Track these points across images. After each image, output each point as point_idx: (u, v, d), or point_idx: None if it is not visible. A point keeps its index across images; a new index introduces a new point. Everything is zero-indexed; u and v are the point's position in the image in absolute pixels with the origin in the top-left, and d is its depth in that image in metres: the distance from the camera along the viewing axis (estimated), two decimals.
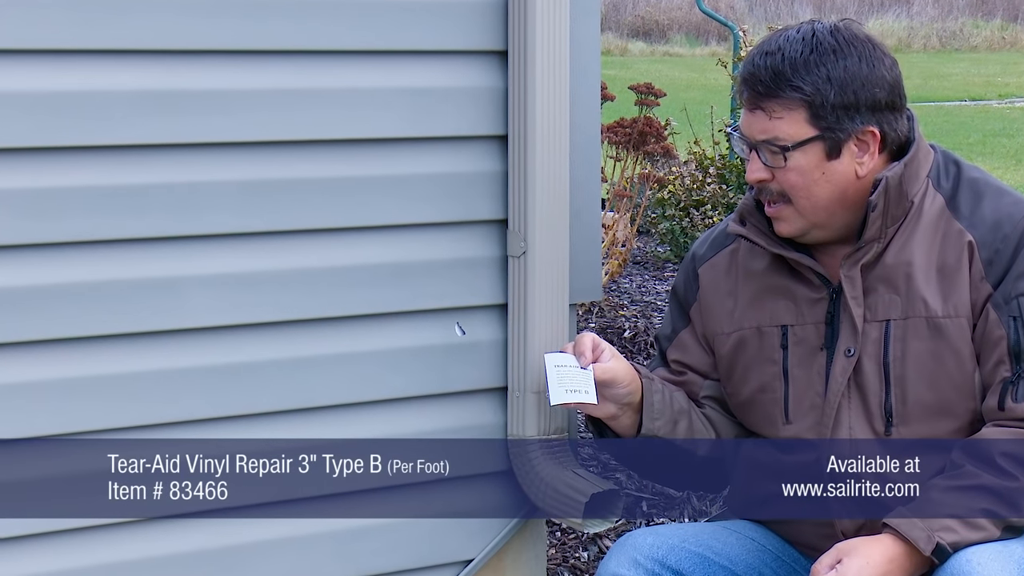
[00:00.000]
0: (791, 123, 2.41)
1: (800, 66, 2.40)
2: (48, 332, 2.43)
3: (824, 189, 2.43)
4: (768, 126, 2.42)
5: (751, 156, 2.45)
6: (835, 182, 2.43)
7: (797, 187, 2.42)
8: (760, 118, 2.42)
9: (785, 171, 2.42)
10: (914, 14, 26.65)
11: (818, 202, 2.43)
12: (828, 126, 2.41)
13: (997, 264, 2.42)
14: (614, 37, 24.52)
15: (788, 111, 2.40)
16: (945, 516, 2.32)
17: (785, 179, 2.43)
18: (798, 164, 2.41)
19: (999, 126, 14.57)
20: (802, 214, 2.44)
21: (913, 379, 2.43)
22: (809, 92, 2.40)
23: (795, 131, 2.41)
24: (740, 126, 2.47)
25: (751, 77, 2.43)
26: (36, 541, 2.47)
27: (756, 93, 2.42)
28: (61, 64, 2.39)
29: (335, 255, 2.63)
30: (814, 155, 2.42)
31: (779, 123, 2.41)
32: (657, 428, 2.53)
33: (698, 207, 6.38)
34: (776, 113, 2.41)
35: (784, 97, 2.40)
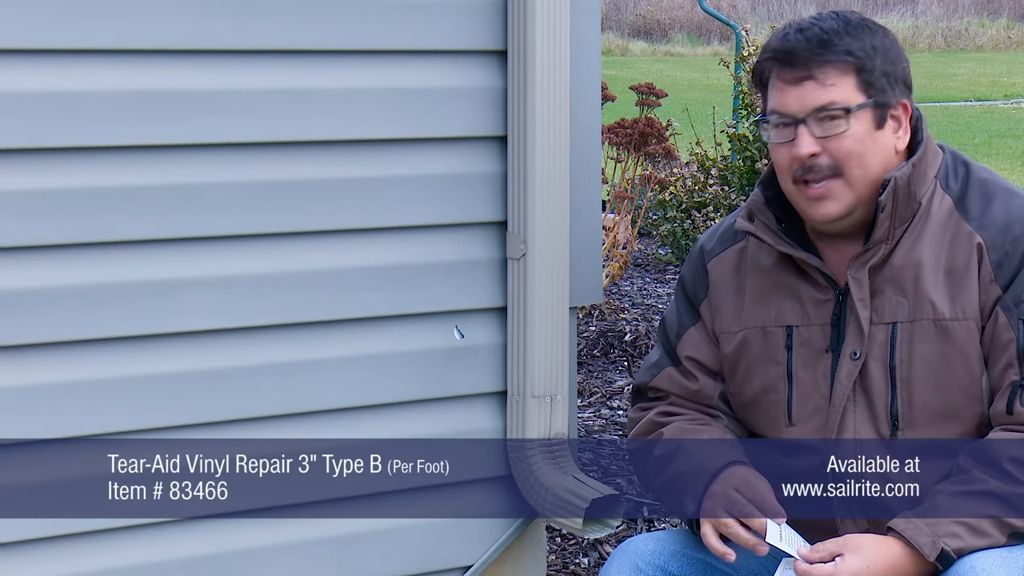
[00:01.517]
0: (844, 89, 2.40)
1: (844, 33, 2.42)
2: (45, 335, 2.42)
3: (875, 159, 2.43)
4: (821, 94, 2.40)
5: (799, 131, 2.42)
6: (882, 153, 2.43)
7: (853, 155, 2.41)
8: (810, 89, 2.40)
9: (841, 139, 2.40)
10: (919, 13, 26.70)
11: (868, 172, 2.42)
12: (877, 92, 2.42)
13: (1007, 266, 2.41)
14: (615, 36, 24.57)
15: (841, 77, 2.40)
16: (951, 522, 2.31)
17: (840, 147, 2.41)
18: (855, 131, 2.41)
19: (1005, 126, 14.59)
20: (852, 187, 2.42)
21: (919, 382, 2.42)
22: (860, 55, 2.41)
23: (849, 97, 2.41)
24: (776, 107, 2.44)
25: (791, 52, 2.41)
26: (33, 547, 2.47)
27: (803, 63, 2.40)
28: (58, 64, 2.39)
29: (333, 257, 2.62)
30: (865, 122, 2.42)
31: (833, 90, 2.40)
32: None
33: (700, 209, 6.38)
34: (829, 80, 2.40)
35: (836, 61, 2.40)
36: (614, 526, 2.72)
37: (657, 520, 3.79)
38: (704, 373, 2.61)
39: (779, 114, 2.43)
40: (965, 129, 14.14)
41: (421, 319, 2.70)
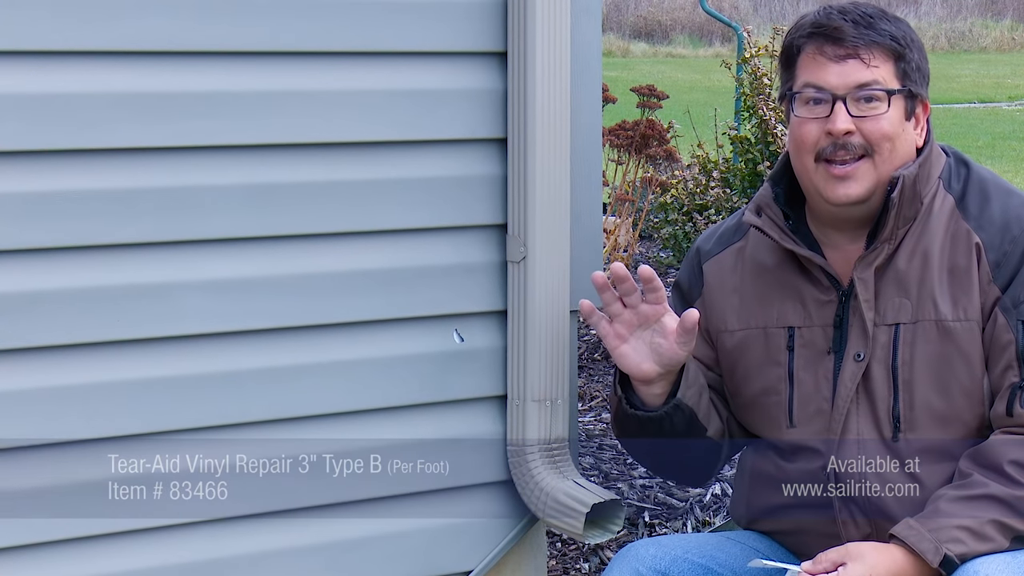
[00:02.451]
0: (886, 72, 2.42)
1: (889, 19, 2.44)
2: (39, 339, 2.42)
3: (902, 147, 2.44)
4: (865, 73, 2.41)
5: (836, 108, 2.41)
6: (907, 143, 2.45)
7: (886, 137, 2.41)
8: (854, 67, 2.41)
9: (878, 120, 2.41)
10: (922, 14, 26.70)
11: (895, 159, 2.43)
12: (912, 82, 2.44)
13: (1005, 267, 2.40)
14: (616, 38, 24.58)
15: (883, 60, 2.42)
16: (953, 527, 2.30)
17: (877, 127, 2.41)
18: (891, 115, 2.42)
19: (1009, 128, 14.58)
20: (877, 170, 2.42)
21: (921, 384, 2.42)
22: (902, 43, 2.43)
23: (889, 80, 2.42)
24: (814, 81, 2.42)
25: (837, 29, 2.41)
26: (30, 551, 2.46)
27: (851, 40, 2.40)
28: (51, 66, 2.39)
29: (331, 260, 2.62)
30: (900, 109, 2.44)
31: (876, 71, 2.41)
32: (688, 397, 2.51)
33: (701, 211, 6.36)
34: (874, 61, 2.41)
35: (883, 43, 2.41)
36: (615, 531, 2.72)
37: (658, 525, 3.78)
38: (695, 361, 2.60)
39: (816, 88, 2.42)
40: (969, 131, 14.13)
41: (420, 323, 2.69)
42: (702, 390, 2.54)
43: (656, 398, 2.53)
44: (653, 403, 2.53)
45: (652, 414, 2.52)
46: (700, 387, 2.54)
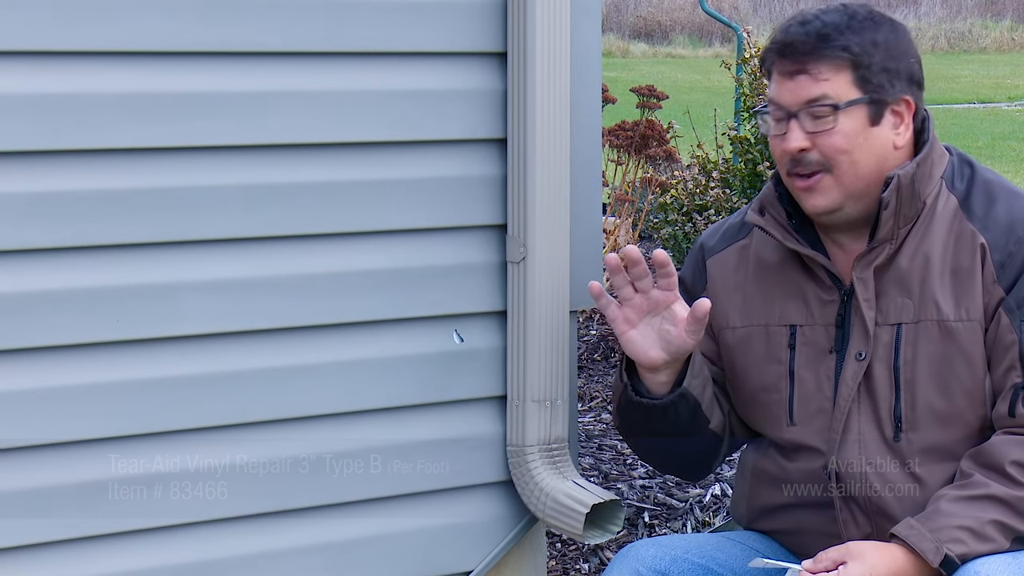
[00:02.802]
0: (838, 84, 2.40)
1: (845, 28, 2.41)
2: (39, 339, 2.41)
3: (866, 156, 2.41)
4: (813, 88, 2.39)
5: (790, 125, 2.41)
6: (876, 151, 2.42)
7: (841, 152, 2.40)
8: (804, 82, 2.40)
9: (830, 134, 2.40)
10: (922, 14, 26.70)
11: (859, 170, 2.41)
12: (873, 89, 2.40)
13: (1010, 267, 2.40)
14: (615, 38, 24.58)
15: (835, 72, 2.39)
16: (954, 527, 2.29)
17: (830, 143, 2.40)
18: (844, 127, 2.40)
19: (1009, 129, 14.58)
20: (841, 182, 2.41)
21: (923, 384, 2.42)
22: (857, 52, 2.40)
23: (843, 92, 2.40)
24: (773, 97, 2.44)
25: (790, 44, 2.41)
26: (29, 552, 2.45)
27: (799, 56, 2.40)
28: (51, 67, 2.38)
29: (331, 261, 2.61)
30: (858, 119, 2.40)
31: (825, 84, 2.39)
32: (694, 387, 2.51)
33: (701, 212, 6.35)
34: (823, 74, 2.39)
35: (831, 56, 2.39)
36: (615, 532, 2.72)
37: (658, 525, 3.77)
38: (700, 356, 2.60)
39: (775, 106, 2.44)
40: (968, 131, 14.12)
41: (420, 323, 2.69)
42: (707, 382, 2.54)
43: (661, 386, 2.52)
44: (658, 391, 2.53)
45: (657, 402, 2.52)
46: (705, 378, 2.54)
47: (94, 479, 2.47)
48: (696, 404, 2.52)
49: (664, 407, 2.53)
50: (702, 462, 2.69)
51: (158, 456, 2.51)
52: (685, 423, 2.54)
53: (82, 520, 2.46)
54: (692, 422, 2.54)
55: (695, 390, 2.51)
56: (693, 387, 2.51)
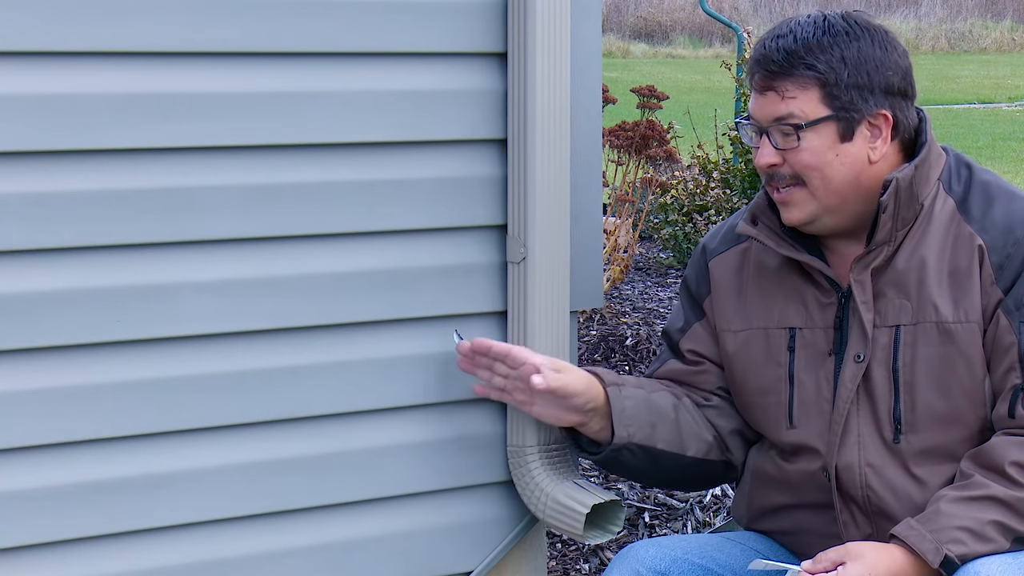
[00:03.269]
0: (804, 102, 2.39)
1: (814, 46, 2.40)
2: (37, 340, 2.41)
3: (838, 171, 2.41)
4: (780, 106, 2.40)
5: (762, 141, 2.42)
6: (848, 165, 2.42)
7: (810, 168, 2.41)
8: (772, 99, 2.40)
9: (798, 152, 2.40)
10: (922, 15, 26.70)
11: (831, 184, 2.41)
12: (842, 106, 2.40)
13: (1008, 269, 2.40)
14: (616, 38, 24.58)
15: (801, 90, 2.39)
16: (954, 528, 2.29)
17: (798, 160, 2.40)
18: (811, 144, 2.39)
19: (1009, 129, 14.57)
20: (815, 197, 2.42)
21: (922, 386, 2.41)
22: (823, 70, 2.39)
23: (808, 110, 2.40)
24: (750, 111, 2.44)
25: (763, 59, 2.41)
26: (26, 552, 2.45)
27: (768, 73, 2.40)
28: (52, 67, 2.38)
29: (331, 261, 2.61)
30: (827, 136, 2.40)
31: (792, 102, 2.39)
32: (632, 435, 2.52)
33: (701, 212, 6.35)
34: (789, 93, 2.39)
35: (797, 75, 2.39)
36: (615, 532, 2.71)
37: (658, 526, 3.77)
38: (709, 362, 2.61)
39: (749, 119, 2.45)
40: (968, 132, 14.12)
41: (420, 323, 2.69)
42: (656, 420, 2.55)
43: (601, 433, 2.56)
44: (604, 438, 2.56)
45: (598, 457, 2.58)
46: (651, 417, 2.55)
47: (94, 479, 2.46)
48: (646, 447, 2.54)
49: (607, 460, 2.58)
50: (696, 481, 2.70)
51: (158, 456, 2.51)
52: (646, 464, 2.57)
53: (82, 520, 2.46)
54: (654, 461, 2.56)
55: (636, 438, 2.54)
56: (631, 435, 2.53)
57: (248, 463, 2.58)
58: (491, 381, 2.58)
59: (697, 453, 2.58)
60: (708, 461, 2.60)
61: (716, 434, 2.60)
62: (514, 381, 2.55)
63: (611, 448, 2.54)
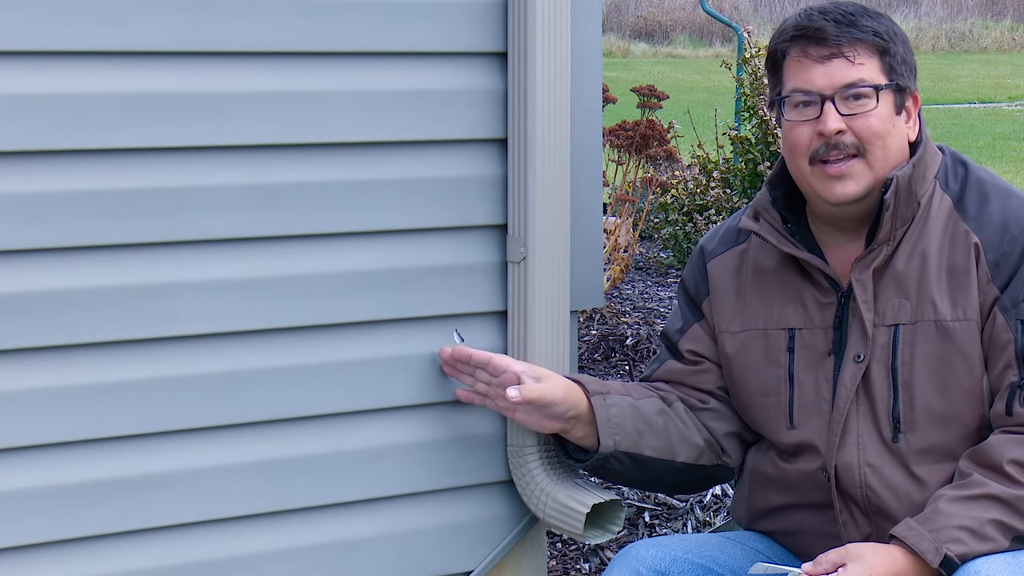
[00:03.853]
0: (872, 69, 2.42)
1: (869, 16, 2.44)
2: (37, 339, 2.41)
3: (895, 142, 2.43)
4: (851, 71, 2.40)
5: (826, 108, 2.40)
6: (900, 139, 2.45)
7: (878, 134, 2.41)
8: (840, 66, 2.40)
9: (868, 117, 2.40)
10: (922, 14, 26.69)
11: (888, 156, 2.42)
12: (899, 76, 2.43)
13: (1004, 266, 2.40)
14: (616, 38, 24.56)
15: (868, 56, 2.41)
16: (953, 527, 2.29)
17: (867, 125, 2.40)
18: (881, 111, 2.41)
19: (1009, 129, 14.56)
20: (873, 168, 2.41)
21: (921, 384, 2.41)
22: (886, 38, 2.42)
23: (875, 77, 2.41)
24: (801, 84, 2.42)
25: (819, 30, 2.40)
26: (25, 552, 2.45)
27: (834, 39, 2.40)
28: (52, 66, 2.38)
29: (331, 261, 2.60)
30: (889, 105, 2.43)
31: (862, 68, 2.41)
32: (618, 443, 2.53)
33: (702, 212, 6.35)
34: (859, 58, 2.40)
35: (865, 40, 2.41)
36: (615, 532, 2.71)
37: (659, 525, 3.77)
38: (708, 361, 2.61)
39: (804, 91, 2.42)
40: (969, 131, 14.11)
41: (420, 323, 2.68)
42: (644, 428, 2.55)
43: (586, 440, 2.57)
44: (589, 445, 2.57)
45: (585, 464, 2.59)
46: (638, 425, 2.55)
47: (93, 479, 2.46)
48: (633, 455, 2.54)
49: (595, 467, 2.58)
50: (684, 484, 2.70)
51: (156, 456, 2.50)
52: (634, 471, 2.57)
53: (81, 520, 2.46)
54: (644, 467, 2.57)
55: (622, 445, 2.54)
56: (617, 443, 2.53)
57: (247, 463, 2.57)
58: (474, 387, 2.60)
59: (687, 459, 2.58)
60: (699, 466, 2.60)
61: (710, 438, 2.59)
62: (496, 388, 2.56)
63: (597, 456, 2.55)
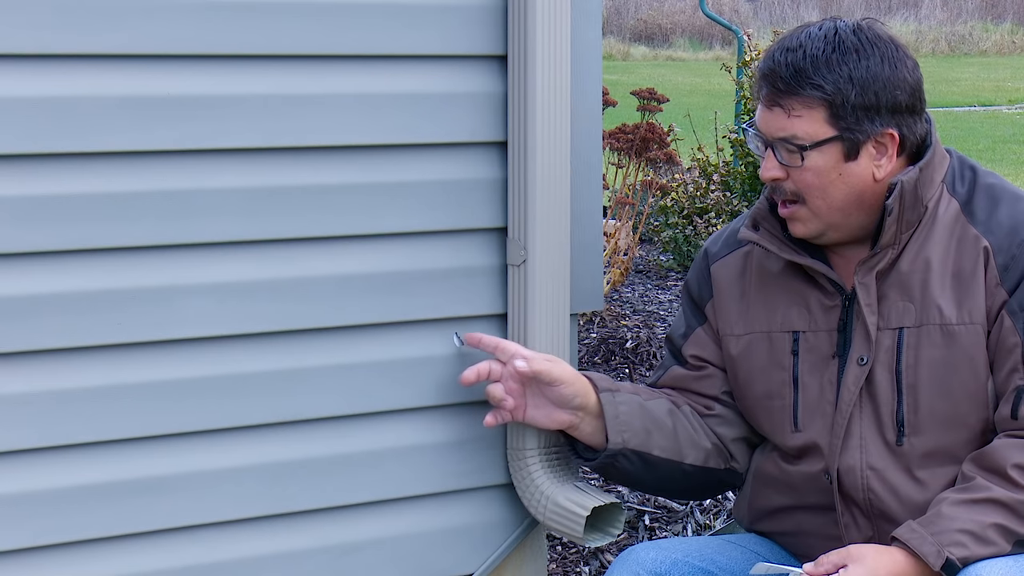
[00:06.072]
0: (810, 122, 2.38)
1: (822, 64, 2.37)
2: (37, 342, 2.41)
3: (840, 190, 2.40)
4: (786, 124, 2.38)
5: (767, 154, 2.42)
6: (852, 184, 2.40)
7: (813, 188, 2.39)
8: (778, 115, 2.39)
9: (801, 171, 2.39)
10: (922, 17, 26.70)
11: (833, 203, 2.40)
12: (847, 127, 2.38)
13: (1013, 270, 2.40)
14: (616, 41, 24.58)
15: (807, 109, 2.37)
16: (955, 530, 2.29)
17: (801, 179, 2.40)
18: (815, 164, 2.38)
19: (1009, 132, 14.57)
20: (817, 215, 2.41)
21: (926, 388, 2.41)
22: (830, 91, 2.37)
23: (814, 130, 2.38)
24: (756, 122, 2.43)
25: (771, 73, 2.40)
26: (27, 555, 2.45)
27: (775, 90, 2.39)
28: (53, 69, 2.38)
29: (331, 264, 2.60)
30: (832, 156, 2.39)
31: (798, 121, 2.38)
32: (626, 440, 2.52)
33: (702, 215, 6.36)
34: (795, 111, 2.38)
35: (804, 95, 2.37)
36: (615, 535, 2.71)
37: (659, 528, 3.77)
38: (712, 366, 2.60)
39: (756, 130, 2.44)
40: (969, 134, 14.12)
41: (420, 326, 2.68)
42: (652, 427, 2.54)
43: (594, 437, 2.56)
44: (598, 443, 2.56)
45: (594, 463, 2.58)
46: (647, 425, 2.54)
47: (95, 482, 2.46)
48: (641, 454, 2.54)
49: (604, 466, 2.58)
50: (693, 489, 2.69)
51: (159, 459, 2.50)
52: (643, 471, 2.57)
53: (83, 523, 2.46)
54: (653, 467, 2.56)
55: (631, 443, 2.53)
56: (628, 441, 2.53)
57: (249, 466, 2.57)
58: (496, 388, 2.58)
59: (695, 461, 2.58)
60: (708, 469, 2.59)
61: (717, 442, 2.59)
62: (507, 381, 2.55)
63: (606, 454, 2.54)
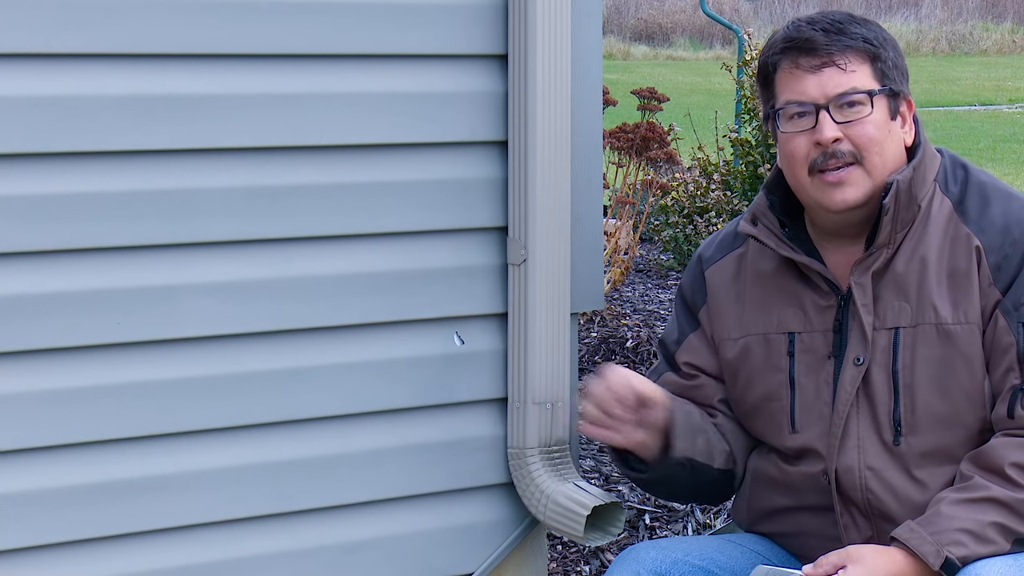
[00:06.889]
0: (863, 76, 2.41)
1: (858, 22, 2.44)
2: (38, 341, 2.41)
3: (892, 149, 2.43)
4: (843, 80, 2.40)
5: (820, 117, 2.40)
6: (897, 144, 2.44)
7: (874, 141, 2.40)
8: (832, 74, 2.40)
9: (863, 124, 2.40)
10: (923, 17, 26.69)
11: (886, 161, 2.42)
12: (891, 81, 2.43)
13: (1006, 269, 2.40)
14: (616, 40, 24.57)
15: (859, 63, 2.41)
16: (955, 529, 2.29)
17: (863, 133, 2.40)
18: (875, 117, 2.41)
19: (1009, 131, 14.56)
20: (870, 174, 2.41)
21: (922, 388, 2.41)
22: (875, 44, 2.42)
23: (868, 83, 2.41)
24: (795, 95, 2.42)
25: (809, 40, 2.41)
26: (27, 554, 2.45)
27: (824, 48, 2.40)
28: (54, 68, 2.38)
29: (331, 263, 2.61)
30: (883, 110, 2.42)
31: (854, 76, 2.40)
32: (684, 448, 2.50)
33: (702, 214, 6.35)
34: (850, 65, 2.40)
35: (855, 48, 2.40)
36: (615, 534, 2.71)
37: (659, 528, 3.77)
38: (704, 375, 2.60)
39: (798, 103, 2.42)
40: (969, 134, 14.11)
41: (421, 325, 2.69)
42: (696, 433, 2.53)
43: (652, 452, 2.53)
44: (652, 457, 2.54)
45: (646, 476, 2.54)
46: (693, 431, 2.53)
47: (95, 481, 2.47)
48: (691, 460, 2.52)
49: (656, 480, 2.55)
50: (720, 494, 2.69)
51: (158, 458, 2.51)
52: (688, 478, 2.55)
53: (83, 522, 2.46)
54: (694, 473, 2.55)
55: (685, 451, 2.51)
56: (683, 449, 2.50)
57: (249, 465, 2.58)
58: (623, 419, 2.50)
59: (722, 464, 2.57)
60: (728, 472, 2.59)
61: (728, 445, 2.59)
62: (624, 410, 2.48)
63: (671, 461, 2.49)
